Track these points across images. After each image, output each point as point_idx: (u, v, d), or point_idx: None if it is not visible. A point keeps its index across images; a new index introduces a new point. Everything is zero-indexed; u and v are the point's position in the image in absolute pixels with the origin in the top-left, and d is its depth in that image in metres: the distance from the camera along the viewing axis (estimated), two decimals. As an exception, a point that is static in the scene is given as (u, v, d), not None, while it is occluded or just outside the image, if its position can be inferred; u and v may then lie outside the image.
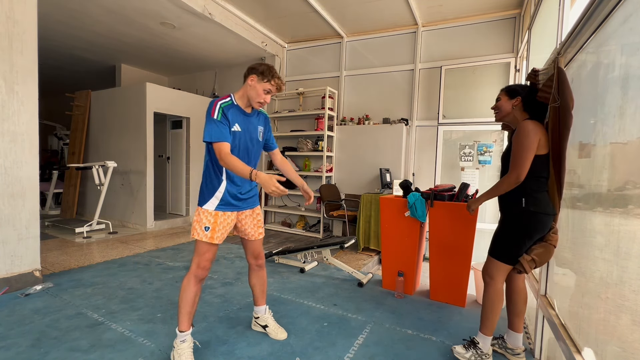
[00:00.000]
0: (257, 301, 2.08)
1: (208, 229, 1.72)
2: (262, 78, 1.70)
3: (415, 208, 2.69)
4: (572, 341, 1.42)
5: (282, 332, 2.06)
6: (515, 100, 1.75)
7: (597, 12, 1.30)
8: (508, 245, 1.76)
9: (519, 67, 3.98)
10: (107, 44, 5.37)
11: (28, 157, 2.72)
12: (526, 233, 1.70)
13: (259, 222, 1.97)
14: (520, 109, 1.76)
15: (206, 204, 1.75)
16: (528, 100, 1.74)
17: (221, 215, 1.76)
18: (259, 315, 2.09)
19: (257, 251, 2.00)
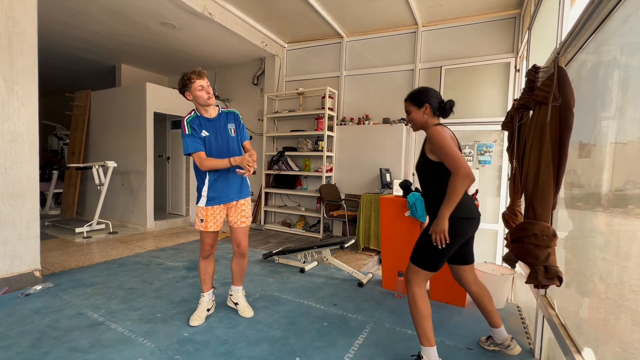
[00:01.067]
0: (234, 282, 2.37)
1: (203, 221, 2.16)
2: (188, 89, 2.02)
3: (415, 208, 2.69)
4: (572, 341, 1.42)
5: (250, 311, 2.32)
6: (424, 108, 1.75)
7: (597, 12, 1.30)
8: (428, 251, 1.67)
9: (519, 67, 3.98)
10: (107, 44, 5.37)
11: (28, 157, 2.72)
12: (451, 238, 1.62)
13: (242, 211, 2.24)
14: (431, 115, 1.76)
15: (199, 202, 2.16)
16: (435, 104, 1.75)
17: (210, 210, 2.15)
18: (233, 293, 2.38)
19: (239, 239, 2.25)
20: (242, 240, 2.26)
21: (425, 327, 1.68)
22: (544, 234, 1.41)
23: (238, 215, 2.23)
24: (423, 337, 1.69)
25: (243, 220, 2.24)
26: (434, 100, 1.76)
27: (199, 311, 2.25)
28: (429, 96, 1.76)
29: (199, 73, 2.01)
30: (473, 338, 2.14)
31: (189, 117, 2.07)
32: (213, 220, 2.16)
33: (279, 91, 5.68)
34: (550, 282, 1.41)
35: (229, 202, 2.19)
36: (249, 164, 1.94)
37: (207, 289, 2.28)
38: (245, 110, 6.28)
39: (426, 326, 1.68)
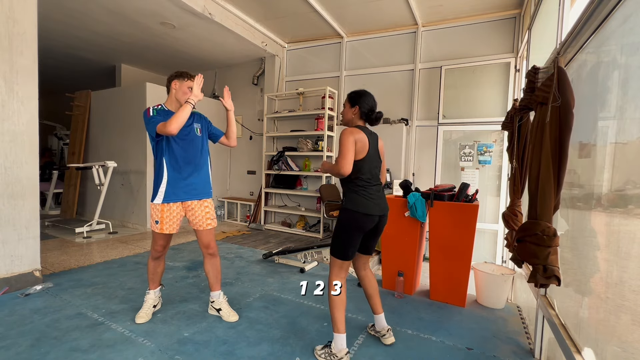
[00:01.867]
0: (212, 287, 2.29)
1: (158, 223, 2.08)
2: (182, 80, 2.07)
3: (415, 208, 2.69)
4: (572, 341, 1.42)
5: (234, 315, 2.26)
6: (354, 109, 1.91)
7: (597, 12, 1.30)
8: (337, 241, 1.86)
9: (519, 67, 3.98)
10: (107, 44, 5.37)
11: (28, 157, 2.72)
12: (343, 228, 1.83)
13: (207, 213, 2.18)
14: (358, 117, 1.92)
15: (154, 199, 2.08)
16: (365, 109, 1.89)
17: (166, 208, 2.08)
18: (214, 299, 2.30)
19: (207, 241, 2.20)
20: (211, 241, 2.21)
21: (336, 316, 1.81)
22: (545, 234, 1.41)
23: (203, 218, 2.15)
24: (334, 324, 1.83)
25: (209, 222, 2.18)
26: (365, 106, 1.90)
27: (145, 308, 2.22)
28: (363, 101, 1.91)
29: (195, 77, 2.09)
30: (473, 338, 2.14)
31: (155, 107, 2.07)
32: (169, 222, 2.09)
33: (279, 91, 5.68)
34: (548, 281, 1.41)
35: (187, 201, 2.12)
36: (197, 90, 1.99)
37: (155, 286, 2.29)
38: (245, 110, 6.28)
39: (337, 314, 1.81)
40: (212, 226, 2.19)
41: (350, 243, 1.84)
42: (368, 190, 1.84)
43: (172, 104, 2.10)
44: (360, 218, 1.81)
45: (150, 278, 2.26)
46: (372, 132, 1.95)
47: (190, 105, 1.96)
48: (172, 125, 1.89)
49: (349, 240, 1.83)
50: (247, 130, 6.23)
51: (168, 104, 2.11)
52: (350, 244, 1.84)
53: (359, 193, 1.83)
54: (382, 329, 2.04)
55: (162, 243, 2.15)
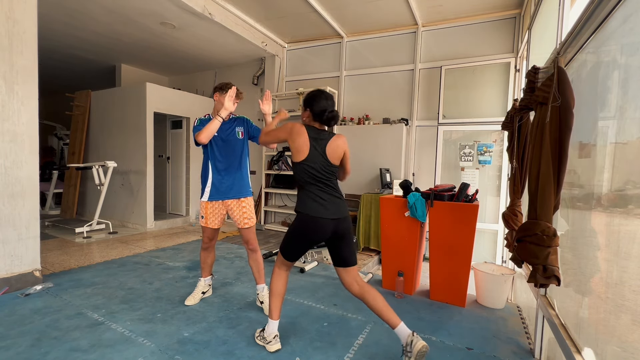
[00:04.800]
0: (257, 280, 2.47)
1: (203, 217, 2.38)
2: (222, 92, 2.28)
3: (415, 208, 2.69)
4: (572, 341, 1.42)
5: None
6: (306, 112, 1.90)
7: (597, 12, 1.30)
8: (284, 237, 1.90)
9: (519, 67, 3.98)
10: (107, 44, 5.37)
11: (28, 157, 2.72)
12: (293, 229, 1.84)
13: (244, 213, 2.38)
14: (310, 119, 1.90)
15: (202, 197, 2.36)
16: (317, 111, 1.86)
17: (210, 206, 2.36)
18: (259, 292, 2.47)
19: (246, 237, 2.41)
20: (250, 238, 2.40)
21: (272, 302, 1.90)
22: (545, 234, 1.41)
23: (241, 217, 2.37)
24: (270, 311, 1.91)
25: (246, 221, 2.38)
26: (316, 108, 1.87)
27: (195, 293, 2.52)
28: (314, 103, 1.87)
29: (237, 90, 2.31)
30: (473, 338, 2.14)
31: (202, 118, 2.34)
32: (212, 217, 2.36)
33: (279, 91, 5.68)
34: (547, 281, 1.41)
35: (227, 200, 2.34)
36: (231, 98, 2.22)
37: (206, 275, 2.56)
38: (245, 110, 6.26)
39: (272, 302, 1.90)
40: (249, 225, 2.39)
41: (295, 246, 1.84)
42: (316, 194, 1.79)
43: (215, 113, 2.30)
44: (310, 221, 1.77)
45: (202, 267, 2.54)
46: (324, 134, 1.85)
47: (218, 120, 2.20)
48: (201, 135, 2.17)
49: (295, 244, 1.84)
50: (247, 130, 6.22)
51: (213, 113, 2.34)
52: (296, 247, 1.85)
53: (307, 195, 1.80)
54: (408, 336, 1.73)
55: (208, 235, 2.41)
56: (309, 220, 1.78)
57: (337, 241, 1.85)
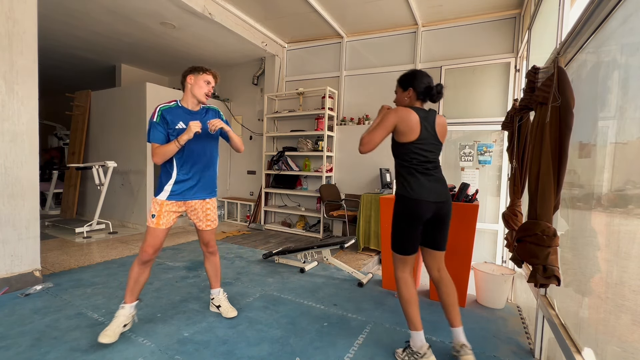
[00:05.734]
0: (212, 284, 2.32)
1: (154, 217, 1.99)
2: (197, 72, 1.98)
3: (415, 208, 2.68)
4: (572, 341, 1.42)
5: (233, 311, 2.28)
6: (408, 92, 1.82)
7: (597, 12, 1.30)
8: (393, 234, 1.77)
9: (519, 67, 3.98)
10: (107, 44, 5.37)
11: (28, 157, 2.72)
12: (397, 218, 1.74)
13: (208, 215, 2.16)
14: (414, 99, 1.81)
15: (158, 195, 2.01)
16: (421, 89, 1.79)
17: (167, 205, 2.00)
18: (214, 296, 2.33)
19: (207, 239, 2.22)
20: (211, 240, 2.23)
21: (409, 312, 1.73)
22: (545, 234, 1.41)
23: (204, 218, 2.15)
24: (409, 322, 1.75)
25: (209, 223, 2.18)
26: (420, 85, 1.79)
27: (113, 326, 1.90)
28: (415, 81, 1.80)
29: (215, 72, 2.04)
30: (473, 338, 2.13)
31: (166, 105, 1.98)
32: (166, 217, 2.00)
33: (279, 91, 5.68)
34: (547, 281, 1.41)
35: (192, 200, 2.07)
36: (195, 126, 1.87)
37: (132, 300, 1.99)
38: (245, 110, 6.28)
39: (410, 311, 1.73)
40: (211, 227, 2.19)
41: (406, 235, 1.71)
42: (420, 176, 1.72)
43: (188, 101, 2.02)
44: (414, 205, 1.69)
45: (130, 287, 1.97)
46: (429, 112, 1.81)
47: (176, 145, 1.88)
48: (156, 156, 1.90)
49: (405, 232, 1.71)
50: (247, 130, 6.23)
51: (184, 101, 2.02)
52: (407, 235, 1.71)
53: (409, 178, 1.71)
54: (456, 344, 1.81)
55: (155, 242, 1.98)
56: (414, 205, 1.69)
57: (436, 223, 1.78)
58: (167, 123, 1.94)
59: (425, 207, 1.71)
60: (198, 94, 1.99)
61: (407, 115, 1.71)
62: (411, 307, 1.73)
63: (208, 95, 2.02)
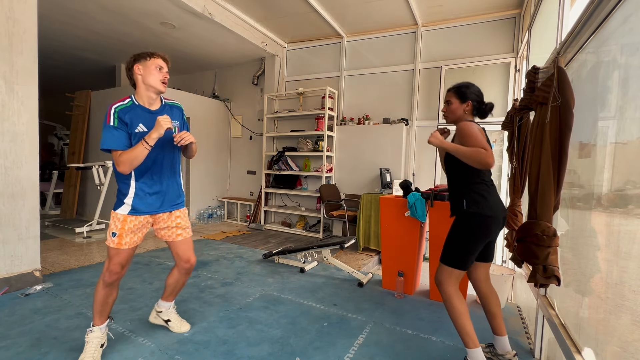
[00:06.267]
0: (166, 297, 2.03)
1: (115, 235, 1.69)
2: (144, 59, 1.68)
3: (415, 208, 2.69)
4: (572, 341, 1.42)
5: (186, 325, 2.09)
6: (466, 104, 1.77)
7: (597, 12, 1.30)
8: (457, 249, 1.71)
9: (519, 67, 3.98)
10: (107, 44, 5.37)
11: (28, 157, 2.72)
12: (471, 235, 1.68)
13: (178, 224, 1.84)
14: (470, 113, 1.79)
15: (118, 209, 1.71)
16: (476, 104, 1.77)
17: (131, 221, 1.71)
18: (162, 310, 2.06)
19: (186, 255, 1.87)
20: (191, 255, 1.89)
21: (466, 327, 1.64)
22: (545, 234, 1.41)
23: (173, 229, 1.84)
24: (467, 338, 1.63)
25: (179, 232, 1.85)
26: (477, 98, 1.78)
27: (88, 351, 1.71)
28: (475, 94, 1.78)
29: (164, 54, 1.73)
30: (473, 338, 2.13)
31: (121, 104, 1.65)
32: (131, 236, 1.71)
33: (279, 91, 5.68)
34: (547, 281, 1.41)
35: (157, 214, 1.79)
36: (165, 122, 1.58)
37: (102, 321, 1.78)
38: (245, 110, 6.28)
39: (467, 325, 1.64)
40: (183, 236, 1.85)
41: (475, 251, 1.70)
42: (492, 191, 1.72)
43: (143, 96, 1.71)
44: (491, 222, 1.67)
45: (97, 310, 1.74)
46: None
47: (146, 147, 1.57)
48: (123, 164, 1.58)
49: (475, 249, 1.69)
50: (247, 130, 6.23)
51: (139, 97, 1.71)
52: (475, 252, 1.70)
53: (486, 195, 1.69)
54: (508, 352, 1.81)
55: (119, 261, 1.71)
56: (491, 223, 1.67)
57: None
58: (125, 125, 1.63)
59: (500, 223, 1.72)
60: (153, 82, 1.68)
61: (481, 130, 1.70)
62: (468, 320, 1.66)
63: (165, 83, 1.71)
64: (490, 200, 1.70)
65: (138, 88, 1.72)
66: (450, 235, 1.76)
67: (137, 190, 1.71)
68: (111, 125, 1.60)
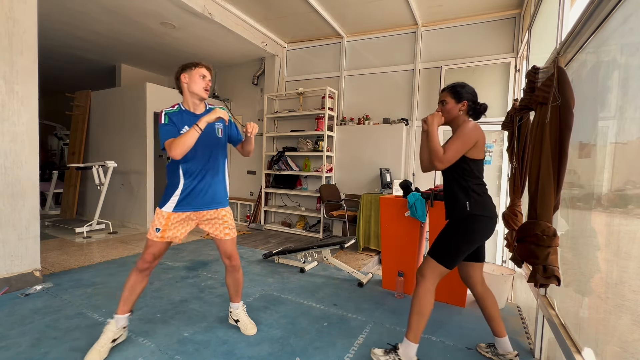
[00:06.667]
0: (232, 298, 2.15)
1: (159, 230, 1.83)
2: (189, 69, 1.85)
3: (415, 208, 2.69)
4: (572, 341, 1.42)
5: (253, 328, 2.12)
6: (461, 104, 1.76)
7: (597, 12, 1.30)
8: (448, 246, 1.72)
9: (519, 67, 3.98)
10: (107, 44, 5.37)
11: (28, 157, 2.72)
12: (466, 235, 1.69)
13: (225, 222, 1.99)
14: (465, 113, 1.78)
15: (163, 206, 1.85)
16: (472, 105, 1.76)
17: (175, 218, 1.85)
18: (233, 310, 2.17)
19: (229, 252, 2.01)
20: (233, 252, 2.01)
21: (420, 325, 1.70)
22: (545, 234, 1.41)
23: (220, 227, 1.97)
24: (414, 332, 1.71)
25: (227, 232, 1.99)
26: (472, 98, 1.77)
27: (101, 342, 1.77)
28: (471, 94, 1.77)
29: (207, 64, 1.89)
30: (473, 338, 2.14)
31: (170, 110, 1.83)
32: (173, 231, 1.85)
33: (279, 91, 5.68)
34: (547, 281, 1.41)
35: (201, 211, 1.91)
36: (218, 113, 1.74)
37: (125, 311, 1.84)
38: (245, 110, 6.28)
39: (422, 325, 1.70)
40: (230, 236, 2.00)
41: (466, 251, 1.71)
42: (487, 193, 1.74)
43: (189, 102, 1.88)
44: (488, 223, 1.69)
45: (124, 297, 1.83)
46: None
47: (197, 131, 1.70)
48: (175, 149, 1.68)
49: (467, 248, 1.71)
50: (247, 130, 6.22)
51: (185, 104, 1.89)
52: (466, 252, 1.72)
53: (482, 195, 1.71)
54: (509, 352, 1.83)
55: (153, 252, 1.83)
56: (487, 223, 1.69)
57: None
58: (174, 124, 1.81)
59: (495, 225, 1.73)
60: (196, 90, 1.84)
61: (482, 131, 1.70)
62: (425, 320, 1.71)
63: (207, 90, 1.87)
64: (488, 201, 1.73)
65: (184, 95, 1.90)
66: (447, 231, 1.75)
67: (184, 188, 1.85)
68: (163, 122, 1.79)
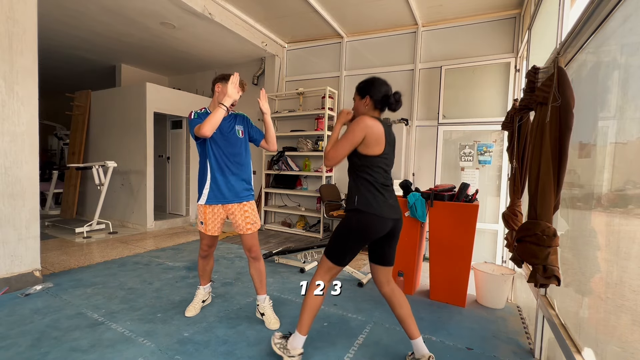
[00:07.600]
0: (258, 290, 2.27)
1: (203, 224, 2.18)
2: (224, 80, 2.08)
3: (415, 208, 2.69)
4: (572, 341, 1.42)
5: (276, 322, 2.19)
6: (365, 100, 1.74)
7: (597, 12, 1.30)
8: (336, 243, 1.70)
9: (519, 67, 3.98)
10: (107, 44, 5.37)
11: (28, 157, 2.72)
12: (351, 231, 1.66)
13: (247, 217, 2.17)
14: (371, 107, 1.74)
15: (199, 200, 2.16)
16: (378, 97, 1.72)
17: (210, 210, 2.15)
18: (259, 303, 2.27)
19: (249, 244, 2.20)
20: (253, 245, 2.20)
21: (308, 316, 1.72)
22: (545, 234, 1.41)
23: (243, 222, 2.15)
24: (304, 325, 1.73)
25: (249, 227, 2.16)
26: (377, 93, 1.73)
27: (194, 302, 2.37)
28: (373, 88, 1.74)
29: (243, 81, 2.07)
30: (473, 338, 2.14)
31: (198, 111, 2.09)
32: (212, 224, 2.16)
33: (279, 91, 5.68)
34: (547, 281, 1.41)
35: (227, 204, 2.13)
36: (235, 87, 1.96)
37: (205, 282, 2.40)
38: (245, 110, 6.24)
39: (310, 316, 1.72)
40: (252, 231, 2.17)
41: (353, 249, 1.68)
42: (383, 191, 1.66)
43: (214, 107, 2.05)
44: (374, 221, 1.63)
45: (200, 275, 2.38)
46: (387, 123, 1.73)
47: (222, 108, 1.92)
48: (204, 127, 1.88)
49: (354, 246, 1.68)
50: (247, 130, 6.23)
51: (211, 107, 2.13)
52: (353, 250, 1.68)
53: (373, 192, 1.64)
54: (423, 356, 1.73)
55: (207, 242, 2.23)
56: (375, 221, 1.62)
57: (387, 239, 1.73)
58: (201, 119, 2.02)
59: (385, 225, 1.66)
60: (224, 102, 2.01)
61: (375, 126, 1.64)
62: (313, 313, 1.72)
63: (235, 104, 2.04)
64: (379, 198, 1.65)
65: (213, 100, 2.15)
66: (338, 225, 1.72)
67: (211, 183, 2.11)
68: (192, 118, 2.04)
